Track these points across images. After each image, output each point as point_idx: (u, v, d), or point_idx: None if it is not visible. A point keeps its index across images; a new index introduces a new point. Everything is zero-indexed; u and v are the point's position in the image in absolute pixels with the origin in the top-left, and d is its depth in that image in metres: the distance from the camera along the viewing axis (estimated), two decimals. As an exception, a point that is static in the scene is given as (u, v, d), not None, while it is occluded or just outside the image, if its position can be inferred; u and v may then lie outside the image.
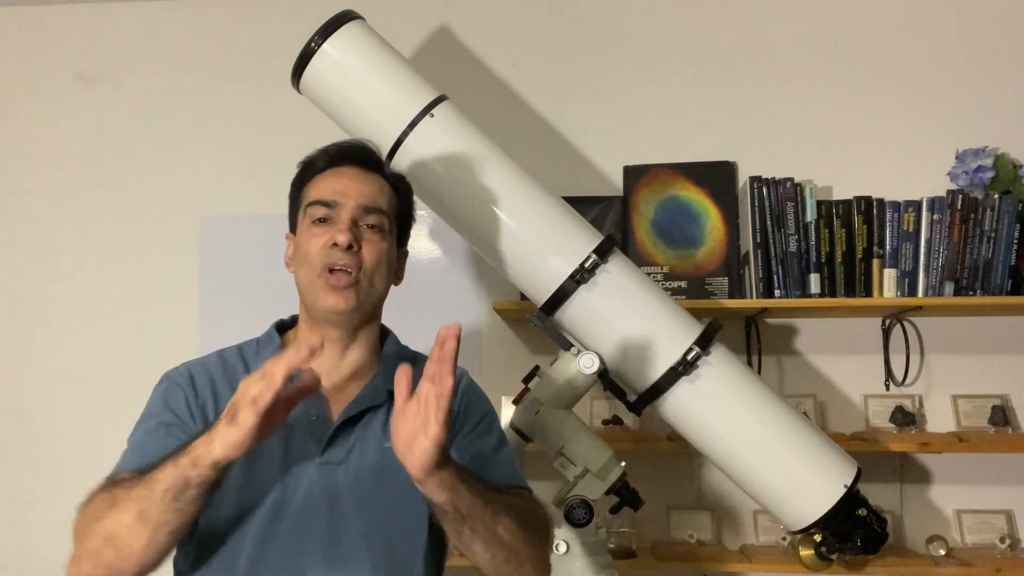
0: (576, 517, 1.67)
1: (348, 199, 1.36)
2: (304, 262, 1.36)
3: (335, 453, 1.31)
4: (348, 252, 1.33)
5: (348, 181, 1.39)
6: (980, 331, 2.27)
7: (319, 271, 1.33)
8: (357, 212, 1.36)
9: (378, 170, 1.43)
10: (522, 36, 2.43)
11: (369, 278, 1.36)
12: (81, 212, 2.49)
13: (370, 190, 1.39)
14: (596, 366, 1.66)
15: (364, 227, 1.37)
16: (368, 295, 1.36)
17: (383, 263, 1.38)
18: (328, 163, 1.41)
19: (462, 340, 1.32)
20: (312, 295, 1.36)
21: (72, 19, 2.53)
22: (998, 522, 2.19)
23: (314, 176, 1.41)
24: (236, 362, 1.39)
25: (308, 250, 1.35)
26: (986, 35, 2.33)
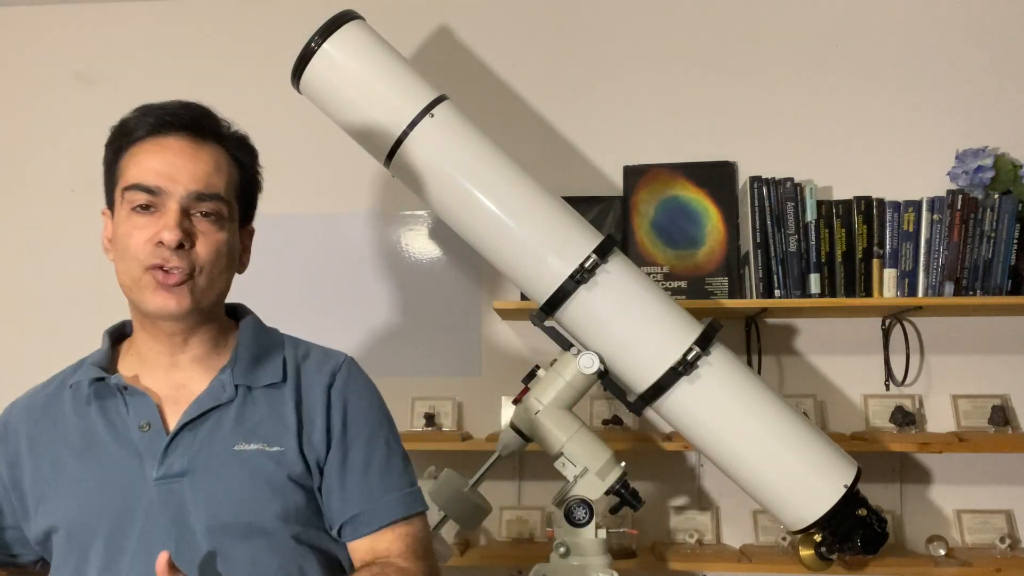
0: (576, 517, 1.67)
1: (176, 185, 1.13)
2: (124, 256, 1.14)
3: (175, 464, 1.13)
4: (178, 251, 1.12)
5: (176, 160, 1.14)
6: (980, 331, 2.27)
7: (143, 268, 1.13)
8: (188, 200, 1.13)
9: (214, 137, 1.20)
10: (522, 36, 2.43)
11: (207, 275, 1.15)
12: (81, 212, 2.49)
13: (204, 170, 1.16)
14: (596, 366, 1.67)
15: (197, 216, 1.15)
16: (206, 293, 1.16)
17: (222, 256, 1.16)
18: (150, 131, 1.17)
19: (462, 340, 1.28)
20: (137, 295, 1.15)
21: (72, 19, 2.53)
22: (998, 522, 2.19)
23: (132, 146, 1.17)
24: (64, 385, 1.23)
25: (128, 244, 1.13)
26: (986, 35, 2.33)
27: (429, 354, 2.36)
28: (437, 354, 2.36)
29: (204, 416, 1.16)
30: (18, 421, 1.23)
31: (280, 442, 1.16)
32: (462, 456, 2.08)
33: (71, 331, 2.47)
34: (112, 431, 1.16)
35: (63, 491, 1.15)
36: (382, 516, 1.20)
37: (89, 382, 1.19)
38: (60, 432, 1.18)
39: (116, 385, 1.18)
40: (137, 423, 1.15)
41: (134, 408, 1.16)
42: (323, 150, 2.34)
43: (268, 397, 1.19)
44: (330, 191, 2.40)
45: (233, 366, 1.20)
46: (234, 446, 1.15)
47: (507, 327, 2.35)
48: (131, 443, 1.15)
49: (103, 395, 1.18)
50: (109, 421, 1.17)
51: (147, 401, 1.17)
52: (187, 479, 1.13)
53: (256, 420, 1.17)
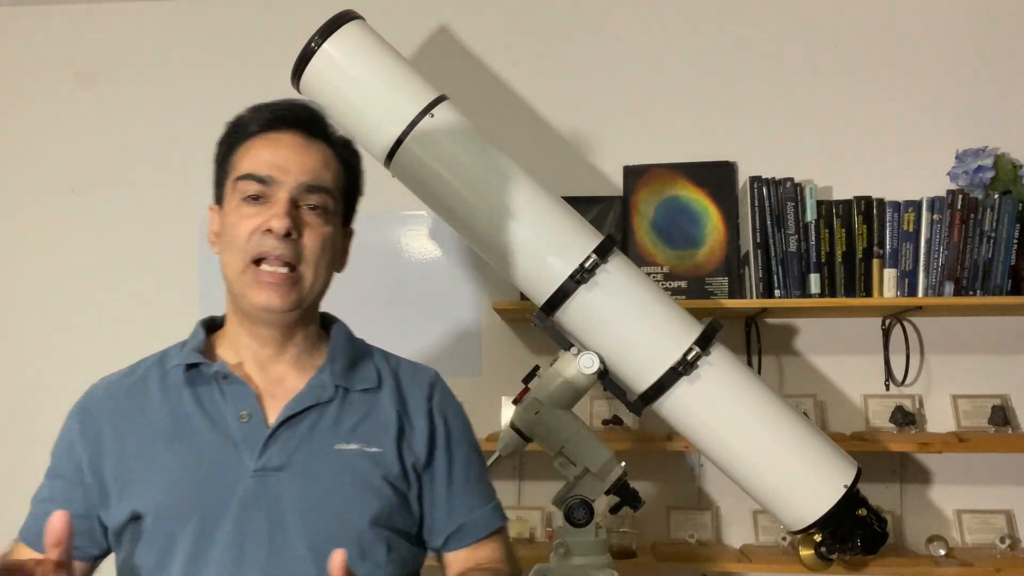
0: (576, 517, 1.67)
1: (287, 176, 1.15)
2: (231, 246, 1.16)
3: (274, 458, 1.13)
4: (285, 240, 1.13)
5: (287, 152, 1.17)
6: (980, 331, 2.27)
7: (248, 261, 1.14)
8: (297, 191, 1.15)
9: (323, 137, 1.22)
10: (522, 36, 2.43)
11: (312, 268, 1.16)
12: (81, 212, 2.49)
13: (313, 164, 1.18)
14: (596, 366, 1.66)
15: (305, 208, 1.16)
16: (309, 290, 1.17)
17: (327, 251, 1.18)
18: (263, 126, 1.19)
19: (462, 340, 1.29)
20: (240, 289, 1.16)
21: (72, 19, 2.53)
22: (998, 522, 2.19)
23: (245, 140, 1.20)
24: (150, 371, 1.23)
25: (236, 234, 1.14)
26: (986, 35, 2.33)
27: (429, 354, 2.36)
28: (437, 354, 2.36)
29: (304, 413, 1.17)
30: (100, 406, 1.22)
31: (379, 443, 1.18)
32: (462, 456, 2.08)
33: (71, 331, 2.47)
34: (207, 418, 1.16)
35: (151, 476, 1.14)
36: (484, 526, 1.25)
37: (185, 367, 1.19)
38: (147, 417, 1.18)
39: (216, 372, 1.18)
40: (236, 412, 1.15)
41: (232, 397, 1.17)
42: (323, 150, 2.33)
43: (365, 400, 1.21)
44: (330, 191, 2.40)
45: (331, 367, 1.21)
46: (334, 445, 1.16)
47: (507, 327, 2.35)
48: (228, 432, 1.15)
49: (196, 382, 1.18)
50: (203, 408, 1.16)
51: (247, 391, 1.17)
52: (284, 473, 1.13)
53: (355, 421, 1.19)
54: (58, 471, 1.22)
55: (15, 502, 2.55)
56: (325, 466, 1.15)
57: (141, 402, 1.20)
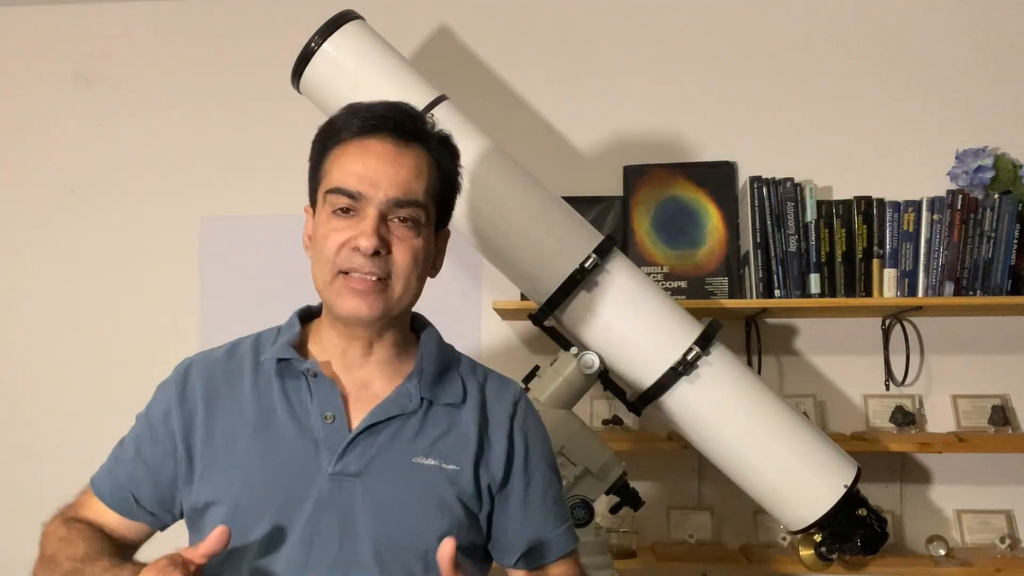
0: (576, 517, 1.67)
1: (377, 190, 1.13)
2: (320, 257, 1.16)
3: (352, 463, 1.14)
4: (373, 258, 1.12)
5: (378, 164, 1.14)
6: (980, 331, 2.27)
7: (336, 273, 1.14)
8: (387, 207, 1.13)
9: (417, 139, 1.18)
10: (522, 36, 2.43)
11: (402, 281, 1.15)
12: (81, 212, 2.50)
13: (405, 175, 1.15)
14: (596, 366, 1.67)
15: (395, 221, 1.14)
16: (398, 300, 1.16)
17: (418, 263, 1.16)
18: (355, 132, 1.16)
19: (462, 340, 1.28)
20: (329, 298, 1.17)
21: (72, 19, 2.53)
22: (998, 522, 2.19)
23: (337, 146, 1.17)
24: (245, 356, 1.23)
25: (326, 246, 1.14)
26: (986, 35, 2.33)
27: (429, 354, 2.36)
28: (437, 354, 2.36)
29: (387, 421, 1.16)
30: (197, 382, 1.21)
31: (457, 461, 1.17)
32: (462, 456, 2.08)
33: (71, 330, 2.47)
34: (292, 414, 1.16)
35: (233, 466, 1.15)
36: (560, 547, 1.25)
37: (276, 360, 1.19)
38: (238, 405, 1.18)
39: (307, 370, 1.18)
40: (321, 412, 1.16)
41: (319, 396, 1.17)
42: (323, 150, 2.34)
43: (448, 415, 1.20)
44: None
45: (419, 377, 1.20)
46: (413, 458, 1.15)
47: (507, 327, 2.35)
48: (311, 431, 1.15)
49: (286, 375, 1.19)
50: (289, 404, 1.17)
51: (334, 391, 1.17)
52: (360, 480, 1.13)
53: (436, 435, 1.18)
54: (152, 435, 1.22)
55: (15, 502, 2.57)
56: (401, 478, 1.14)
57: (234, 387, 1.20)
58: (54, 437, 2.44)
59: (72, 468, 2.46)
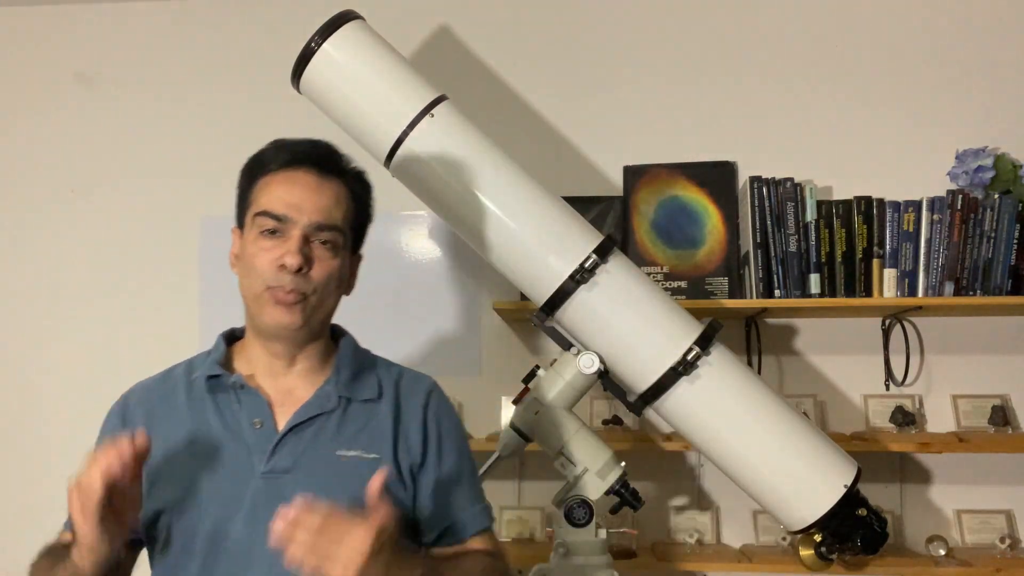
0: (576, 517, 1.67)
1: (301, 215, 1.27)
2: (249, 273, 1.29)
3: (281, 461, 1.25)
4: (297, 274, 1.25)
5: (302, 192, 1.28)
6: (980, 331, 2.27)
7: (264, 287, 1.26)
8: (309, 230, 1.27)
9: (336, 173, 1.33)
10: (522, 36, 2.43)
11: (319, 297, 1.29)
12: (81, 212, 2.50)
13: (326, 203, 1.29)
14: (596, 366, 1.67)
15: (316, 243, 1.28)
16: (317, 311, 1.30)
17: (334, 280, 1.30)
18: (282, 165, 1.30)
19: (462, 340, 1.33)
20: (257, 308, 1.29)
21: (72, 19, 2.53)
22: (998, 522, 2.19)
23: (265, 176, 1.31)
24: (179, 379, 1.34)
25: (255, 264, 1.27)
26: (986, 35, 2.33)
27: (429, 354, 2.36)
28: (437, 354, 2.36)
29: (310, 421, 1.28)
30: (136, 407, 1.34)
31: (376, 450, 1.29)
32: (462, 456, 2.08)
33: (71, 330, 2.47)
34: (224, 425, 1.28)
35: (175, 476, 1.25)
36: (474, 524, 1.36)
37: (206, 377, 1.31)
38: (175, 421, 1.30)
39: (234, 383, 1.30)
40: (250, 420, 1.28)
41: (247, 406, 1.29)
42: (323, 150, 2.34)
43: (365, 410, 1.32)
44: (330, 191, 2.40)
45: (336, 379, 1.32)
46: (336, 451, 1.27)
47: (507, 327, 2.35)
48: (242, 438, 1.27)
49: (217, 391, 1.30)
50: (221, 415, 1.29)
51: (261, 401, 1.29)
52: (290, 476, 1.24)
53: (355, 429, 1.30)
54: None
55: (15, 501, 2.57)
56: (327, 470, 1.25)
57: (170, 407, 1.32)
58: (54, 437, 2.44)
59: (72, 468, 2.47)
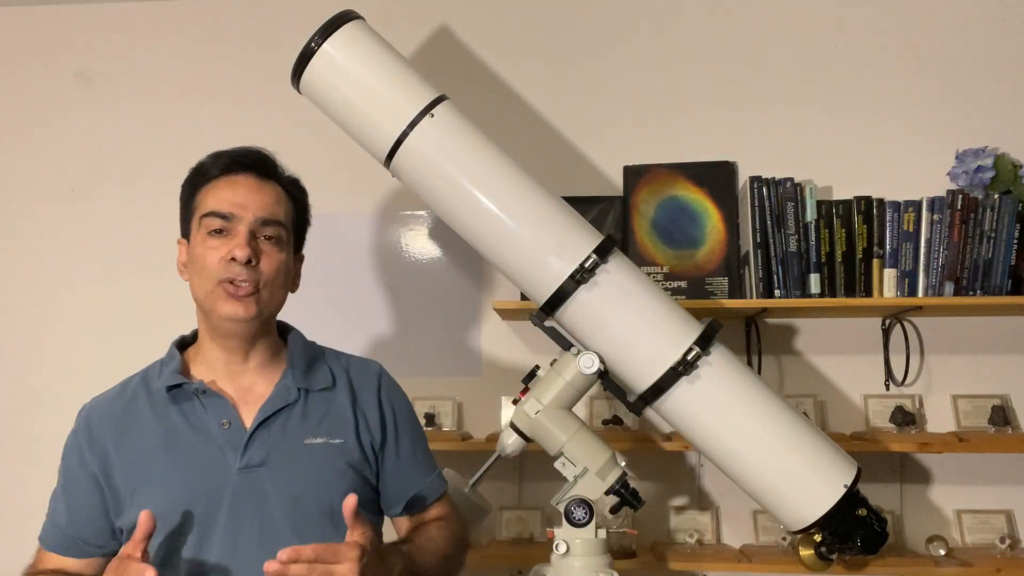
0: (576, 517, 1.67)
1: (246, 212, 1.36)
2: (200, 273, 1.37)
3: (255, 455, 1.34)
4: (247, 266, 1.34)
5: (245, 192, 1.38)
6: (980, 331, 2.27)
7: (216, 282, 1.35)
8: (255, 225, 1.36)
9: (274, 177, 1.43)
10: (522, 36, 2.43)
11: (269, 289, 1.37)
12: (81, 212, 2.50)
13: (268, 201, 1.39)
14: (596, 366, 1.66)
15: (262, 239, 1.37)
16: (267, 305, 1.38)
17: (280, 274, 1.39)
18: (222, 170, 1.40)
19: (462, 340, 1.40)
20: (210, 304, 1.36)
21: (72, 19, 2.53)
22: (998, 522, 2.19)
23: (207, 183, 1.40)
24: (138, 390, 1.42)
25: (205, 263, 1.35)
26: (986, 35, 2.33)
27: (429, 354, 2.36)
28: (437, 354, 2.36)
29: (275, 415, 1.37)
30: (101, 423, 1.40)
31: (340, 435, 1.41)
32: (462, 456, 2.08)
33: (70, 331, 2.47)
34: (193, 429, 1.36)
35: (153, 483, 1.32)
36: (434, 491, 1.53)
37: (167, 388, 1.38)
38: (144, 431, 1.37)
39: (196, 390, 1.38)
40: (218, 421, 1.35)
41: (212, 409, 1.37)
42: (323, 150, 2.34)
43: (323, 399, 1.43)
44: (330, 191, 2.37)
45: (292, 372, 1.42)
46: (303, 440, 1.37)
47: (507, 327, 2.35)
48: (213, 438, 1.35)
49: (180, 399, 1.38)
50: (189, 420, 1.36)
51: (225, 402, 1.37)
52: (265, 468, 1.34)
53: (318, 418, 1.40)
54: (74, 482, 1.39)
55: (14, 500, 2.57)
56: (298, 459, 1.36)
57: (135, 418, 1.38)
58: (54, 437, 2.43)
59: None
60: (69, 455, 1.41)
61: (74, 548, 1.40)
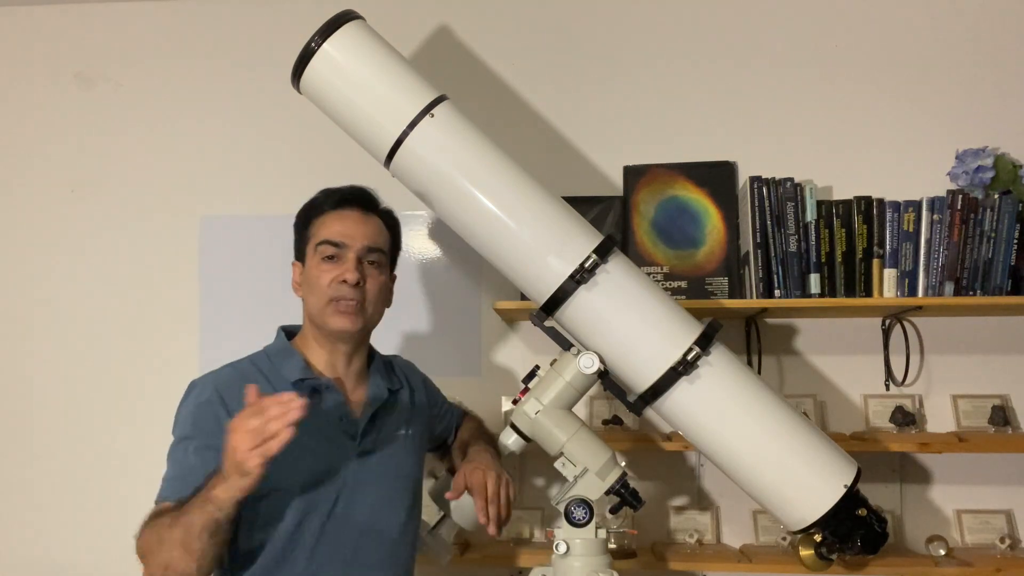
0: (576, 517, 1.67)
1: (355, 241, 1.61)
2: (314, 291, 1.61)
3: (367, 443, 1.62)
4: (355, 287, 1.58)
5: (353, 225, 1.62)
6: (980, 331, 2.27)
7: (328, 300, 1.59)
8: (362, 252, 1.61)
9: (375, 211, 1.67)
10: (522, 36, 2.43)
11: (372, 305, 1.62)
12: (81, 212, 2.50)
13: (372, 232, 1.63)
14: (596, 366, 1.66)
15: (366, 264, 1.62)
16: (370, 319, 1.64)
17: (382, 293, 1.65)
18: (333, 205, 1.64)
19: (462, 340, 1.47)
20: (322, 319, 1.60)
21: (72, 19, 2.53)
22: (998, 522, 2.19)
23: (320, 215, 1.64)
24: (256, 375, 1.58)
25: (319, 283, 1.60)
26: (986, 35, 2.33)
27: (429, 354, 2.36)
28: (437, 354, 2.36)
29: (378, 411, 1.65)
30: (231, 394, 1.53)
31: (412, 426, 1.72)
32: (462, 456, 2.08)
33: (71, 330, 2.47)
34: (316, 417, 1.50)
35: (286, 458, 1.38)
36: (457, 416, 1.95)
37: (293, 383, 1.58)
38: None
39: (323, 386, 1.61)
40: (336, 412, 1.60)
41: (330, 401, 1.60)
42: (322, 150, 2.34)
43: (398, 397, 1.72)
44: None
45: (380, 376, 1.70)
46: (396, 431, 1.68)
47: (507, 327, 2.35)
48: (332, 425, 1.59)
49: (300, 390, 1.54)
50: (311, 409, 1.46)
51: (340, 397, 1.62)
52: (375, 455, 1.62)
53: (399, 412, 1.71)
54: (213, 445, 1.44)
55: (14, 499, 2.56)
56: (395, 446, 1.67)
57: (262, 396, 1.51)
58: (54, 436, 2.44)
59: (72, 467, 2.47)
60: (204, 418, 1.52)
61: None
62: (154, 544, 1.38)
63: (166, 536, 1.36)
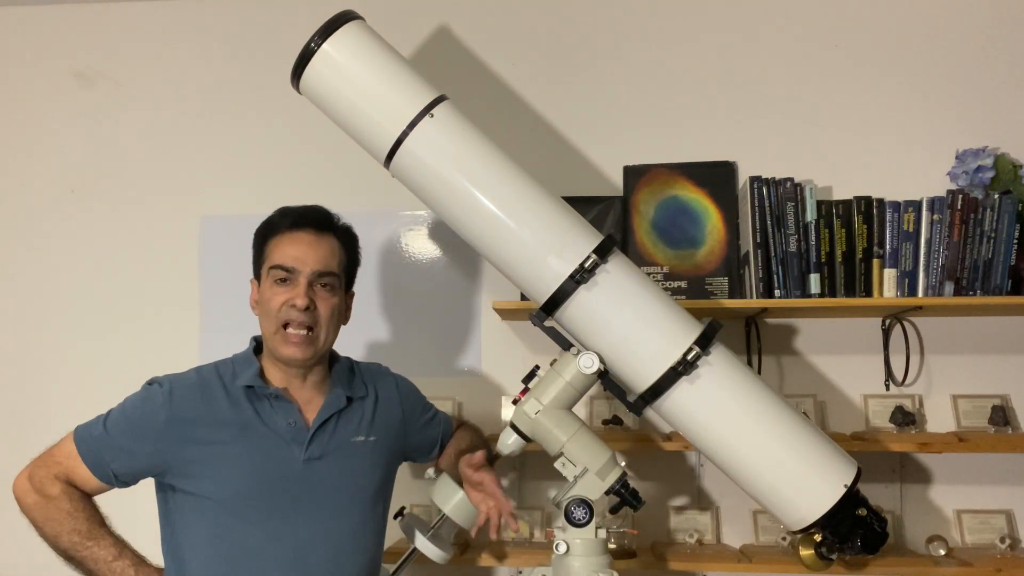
0: (576, 517, 1.67)
1: (305, 266, 1.63)
2: (267, 314, 1.64)
3: (316, 450, 1.64)
4: (305, 311, 1.61)
5: (305, 248, 1.64)
6: (980, 331, 2.27)
7: (278, 325, 1.62)
8: (312, 277, 1.64)
9: (329, 230, 1.69)
10: (522, 36, 2.44)
11: (323, 329, 1.65)
12: (81, 212, 2.50)
13: (324, 255, 1.65)
14: (596, 366, 1.66)
15: (318, 287, 1.64)
16: (323, 343, 1.66)
17: (334, 315, 1.67)
18: (288, 227, 1.66)
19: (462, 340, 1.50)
20: (273, 345, 1.64)
21: (72, 19, 2.53)
22: (998, 522, 2.19)
23: (276, 235, 1.66)
24: (214, 382, 1.64)
25: (271, 306, 1.63)
26: (986, 35, 2.33)
27: (429, 354, 2.37)
28: (437, 354, 2.36)
29: (330, 419, 1.67)
30: (183, 394, 1.62)
31: (375, 433, 1.73)
32: (462, 456, 2.08)
33: (71, 330, 2.47)
34: (263, 423, 1.62)
35: (230, 462, 1.58)
36: (446, 429, 1.91)
37: (245, 387, 1.64)
38: (221, 415, 1.61)
39: (270, 394, 1.64)
40: (285, 420, 1.63)
41: (280, 409, 1.64)
42: (322, 150, 2.34)
43: (361, 404, 1.74)
44: (330, 191, 2.38)
45: (340, 384, 1.72)
46: (351, 439, 1.69)
47: (507, 327, 2.35)
48: (280, 433, 1.63)
49: (253, 398, 1.64)
50: (259, 416, 1.63)
51: (292, 407, 1.65)
52: (322, 461, 1.64)
53: (358, 420, 1.72)
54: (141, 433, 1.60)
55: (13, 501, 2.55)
56: (347, 453, 1.67)
57: (213, 403, 1.62)
58: (54, 436, 2.43)
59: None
60: (148, 409, 1.61)
61: (104, 476, 1.62)
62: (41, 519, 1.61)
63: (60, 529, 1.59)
